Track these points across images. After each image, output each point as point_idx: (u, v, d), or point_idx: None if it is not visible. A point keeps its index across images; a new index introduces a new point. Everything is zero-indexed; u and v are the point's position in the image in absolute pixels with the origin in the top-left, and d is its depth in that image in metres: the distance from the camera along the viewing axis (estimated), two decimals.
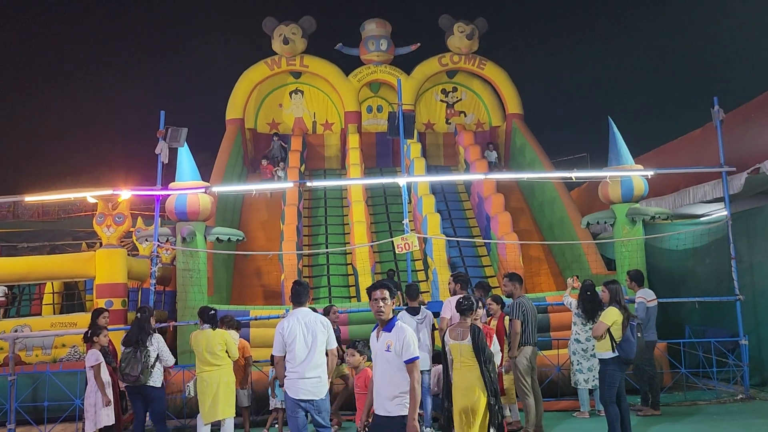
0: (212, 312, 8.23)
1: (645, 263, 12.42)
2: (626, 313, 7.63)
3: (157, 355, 7.89)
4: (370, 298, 5.32)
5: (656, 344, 9.82)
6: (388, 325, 5.27)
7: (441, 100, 20.54)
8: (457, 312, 7.03)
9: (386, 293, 5.31)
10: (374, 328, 5.42)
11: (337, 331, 9.49)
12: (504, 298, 8.82)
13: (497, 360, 7.51)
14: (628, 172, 12.51)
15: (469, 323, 6.91)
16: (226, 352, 8.06)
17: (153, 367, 7.83)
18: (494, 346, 7.47)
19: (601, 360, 7.82)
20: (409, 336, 5.14)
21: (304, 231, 16.55)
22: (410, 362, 5.10)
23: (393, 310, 5.32)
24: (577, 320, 8.95)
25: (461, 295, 8.12)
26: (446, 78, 20.45)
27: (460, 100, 20.53)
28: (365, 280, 13.67)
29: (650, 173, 12.09)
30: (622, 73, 30.92)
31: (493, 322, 7.69)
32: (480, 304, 7.37)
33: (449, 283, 8.65)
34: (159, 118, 11.39)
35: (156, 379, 7.88)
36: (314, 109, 20.01)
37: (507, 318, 8.43)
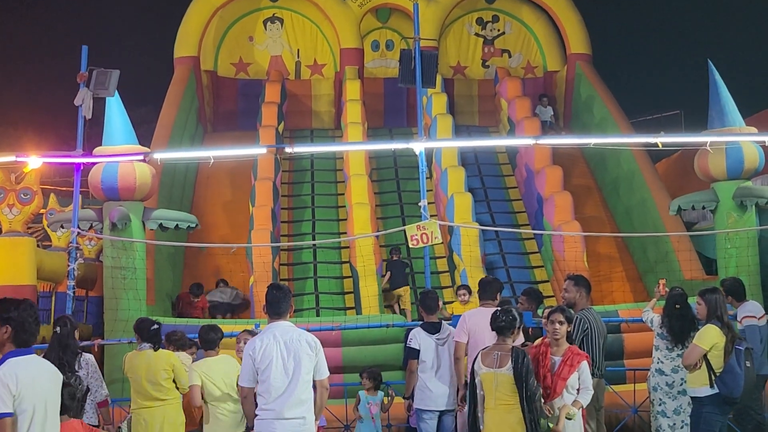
0: (154, 326, 8.33)
1: (758, 264, 12.42)
2: (730, 333, 7.65)
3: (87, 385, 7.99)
4: None
5: (767, 379, 9.85)
6: None
7: (476, 34, 20.49)
8: (493, 330, 7.08)
9: None
10: None
11: None
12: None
13: (585, 401, 7.40)
14: (736, 137, 12.48)
15: (510, 345, 6.96)
16: (174, 381, 8.16)
17: (84, 400, 7.94)
18: (583, 379, 7.35)
19: (693, 399, 7.83)
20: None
21: (283, 216, 16.62)
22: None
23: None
24: (660, 344, 8.94)
25: (487, 307, 8.15)
26: (484, 3, 20.38)
27: (503, 34, 20.46)
28: (368, 285, 13.75)
29: (767, 139, 12.09)
30: (730, 2, 30.66)
31: (555, 348, 7.53)
32: (521, 322, 7.37)
33: (461, 294, 8.69)
34: (80, 56, 11.43)
35: (91, 417, 7.98)
36: (298, 44, 20.01)
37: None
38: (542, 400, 6.89)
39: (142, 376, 8.11)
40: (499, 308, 7.34)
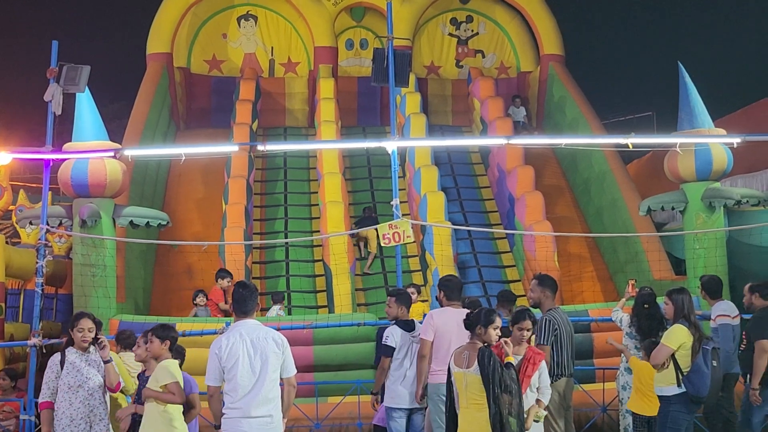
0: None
1: (726, 264, 12.51)
2: (698, 333, 7.70)
3: None
4: None
5: (738, 378, 9.93)
6: None
7: (450, 34, 20.50)
8: (466, 329, 7.08)
9: None
10: None
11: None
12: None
13: (547, 399, 7.46)
14: (705, 139, 12.57)
15: (479, 344, 6.93)
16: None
17: None
18: (542, 378, 7.42)
19: (661, 398, 7.88)
20: None
21: (256, 214, 16.54)
22: None
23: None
24: (629, 343, 9.03)
25: (455, 308, 8.16)
26: (458, 3, 20.40)
27: (477, 34, 20.49)
28: (342, 283, 13.71)
29: (736, 141, 12.15)
30: (700, 4, 30.96)
31: (516, 347, 7.62)
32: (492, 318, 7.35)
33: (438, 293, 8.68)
34: (50, 50, 11.29)
35: None
36: (272, 42, 19.92)
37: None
38: (519, 397, 6.85)
39: None
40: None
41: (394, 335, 8.31)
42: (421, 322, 8.74)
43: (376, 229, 14.88)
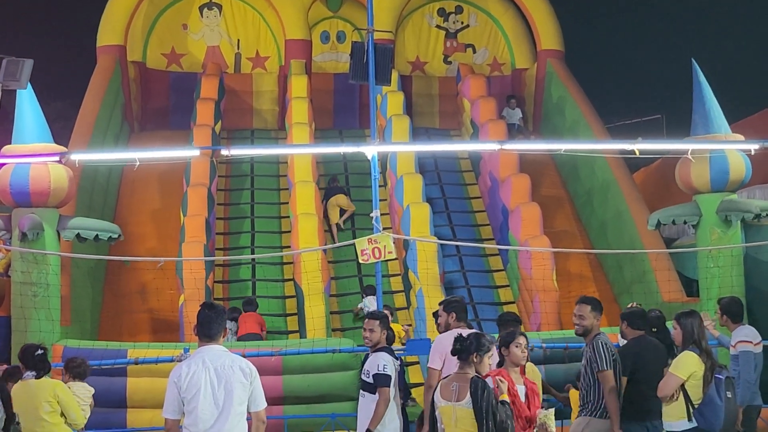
0: (39, 351, 8.21)
1: (743, 285, 12.64)
2: (710, 360, 7.75)
3: None
4: None
5: (760, 410, 10.01)
6: None
7: (437, 27, 20.62)
8: (452, 354, 7.10)
9: None
10: None
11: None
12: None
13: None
14: (720, 145, 12.72)
15: (470, 375, 6.96)
16: (63, 415, 8.01)
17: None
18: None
19: None
20: None
21: (219, 227, 16.56)
22: None
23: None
24: None
25: (459, 330, 8.19)
26: None
27: (467, 26, 20.63)
28: (315, 304, 13.73)
29: (755, 147, 12.32)
30: None
31: (515, 376, 7.68)
32: (489, 345, 7.37)
33: (439, 315, 8.76)
34: None
35: None
36: (238, 34, 19.97)
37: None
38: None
39: (25, 410, 7.86)
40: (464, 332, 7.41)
41: (390, 363, 8.34)
42: (405, 348, 8.80)
43: (348, 195, 16.32)
